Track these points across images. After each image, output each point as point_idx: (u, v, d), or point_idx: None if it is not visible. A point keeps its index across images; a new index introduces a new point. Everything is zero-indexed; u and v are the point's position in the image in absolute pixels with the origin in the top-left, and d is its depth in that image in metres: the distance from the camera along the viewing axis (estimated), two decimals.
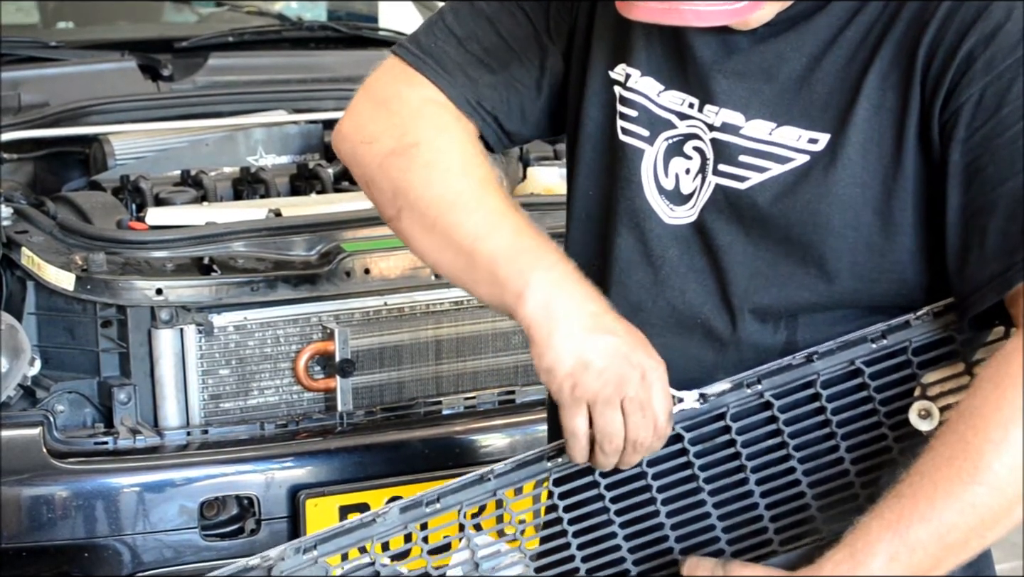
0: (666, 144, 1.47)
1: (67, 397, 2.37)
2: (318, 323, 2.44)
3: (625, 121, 1.49)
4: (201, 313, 2.38)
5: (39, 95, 3.01)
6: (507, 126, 1.57)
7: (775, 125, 1.40)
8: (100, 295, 2.35)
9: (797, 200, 1.39)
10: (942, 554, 1.29)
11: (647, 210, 1.47)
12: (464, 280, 1.46)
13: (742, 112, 1.42)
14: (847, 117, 1.37)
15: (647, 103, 1.49)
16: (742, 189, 1.42)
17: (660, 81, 1.48)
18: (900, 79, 1.36)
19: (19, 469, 2.24)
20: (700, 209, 1.44)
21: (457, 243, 1.44)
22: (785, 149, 1.40)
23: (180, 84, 3.18)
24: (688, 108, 1.46)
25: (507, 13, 1.55)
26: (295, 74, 3.29)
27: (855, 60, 1.38)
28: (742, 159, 1.42)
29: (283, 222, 2.55)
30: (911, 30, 1.36)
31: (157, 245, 2.45)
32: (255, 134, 2.97)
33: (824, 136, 1.38)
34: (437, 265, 1.51)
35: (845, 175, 1.37)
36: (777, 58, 1.41)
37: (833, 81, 1.38)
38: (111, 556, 2.27)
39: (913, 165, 1.36)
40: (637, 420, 1.35)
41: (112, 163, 2.85)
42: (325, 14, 4.37)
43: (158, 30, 3.81)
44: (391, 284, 2.48)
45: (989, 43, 1.32)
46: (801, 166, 1.39)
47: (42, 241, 2.43)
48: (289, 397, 2.45)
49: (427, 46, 1.57)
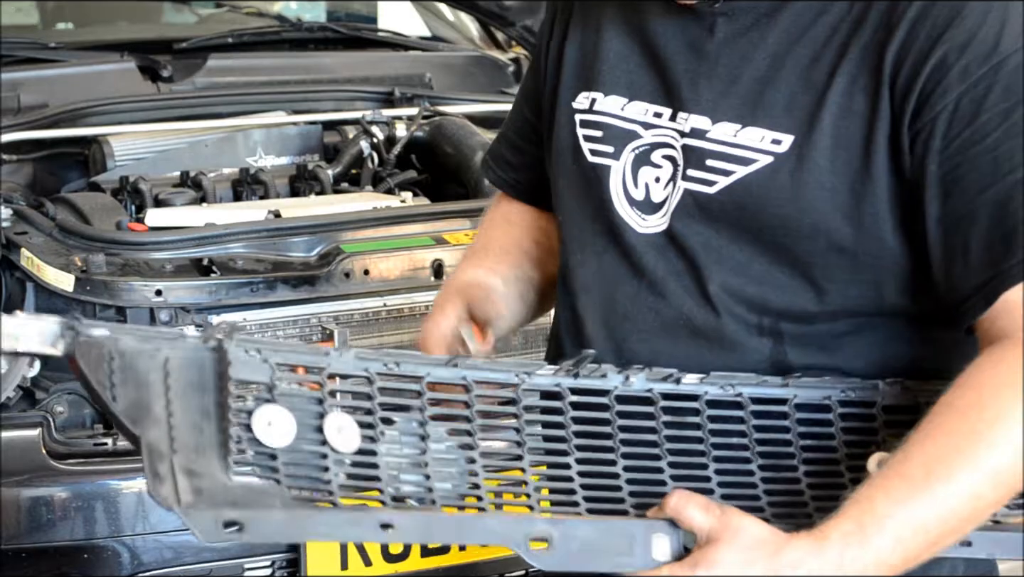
0: (633, 155, 1.48)
1: (66, 398, 2.37)
2: (317, 324, 2.44)
3: (591, 143, 1.51)
4: (200, 314, 2.38)
5: (38, 96, 3.02)
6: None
7: (740, 127, 1.40)
8: (99, 296, 2.35)
9: (766, 203, 1.38)
10: (938, 540, 1.29)
11: (620, 224, 1.48)
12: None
13: (709, 116, 1.42)
14: (812, 120, 1.36)
15: (611, 120, 1.50)
16: (711, 193, 1.42)
17: (623, 95, 1.50)
18: (868, 83, 1.35)
19: (19, 470, 2.24)
20: (671, 215, 1.45)
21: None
22: (749, 151, 1.39)
23: (179, 85, 3.18)
24: (654, 118, 1.47)
25: (524, 91, 1.72)
26: (294, 75, 3.29)
27: (820, 61, 1.37)
28: (709, 163, 1.42)
29: (282, 223, 2.55)
30: (878, 33, 1.35)
31: (156, 246, 2.45)
32: (254, 135, 2.98)
33: (788, 137, 1.37)
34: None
35: (811, 179, 1.36)
36: (741, 59, 1.41)
37: (796, 81, 1.38)
38: (110, 557, 2.27)
39: (883, 171, 1.35)
40: None
41: (111, 164, 2.85)
42: (324, 15, 4.38)
43: (157, 31, 3.81)
44: (390, 285, 2.48)
45: (964, 51, 1.30)
46: (765, 167, 1.38)
47: (41, 242, 2.43)
48: None
49: (493, 150, 1.79)
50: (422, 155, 3.01)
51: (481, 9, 3.62)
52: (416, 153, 3.01)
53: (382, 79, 3.30)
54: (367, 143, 2.95)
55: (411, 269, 2.50)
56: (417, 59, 3.50)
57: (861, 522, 1.27)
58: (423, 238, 2.56)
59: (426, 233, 2.58)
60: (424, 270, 2.50)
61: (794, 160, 1.37)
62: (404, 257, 2.50)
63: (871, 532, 1.26)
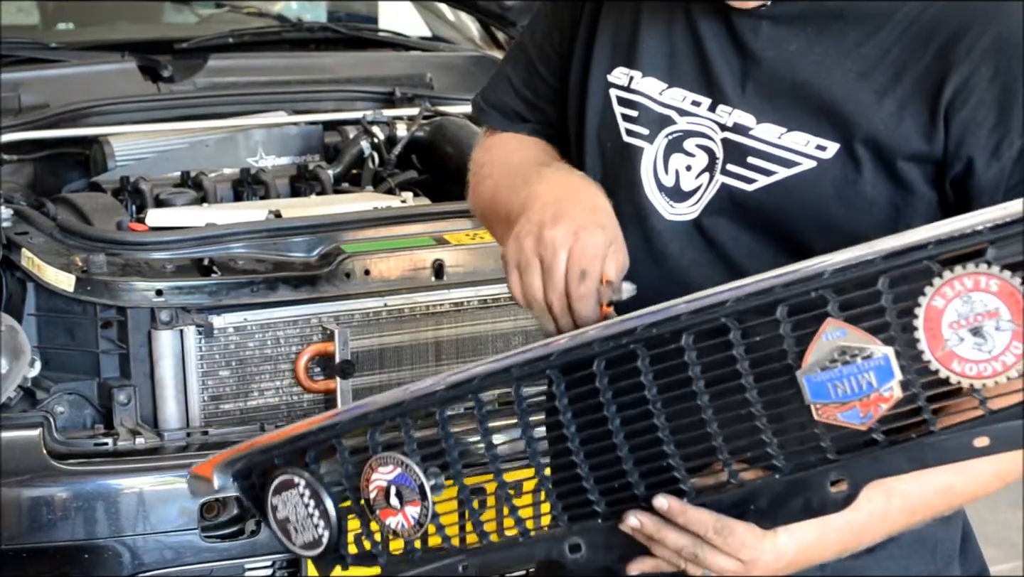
0: (666, 141, 1.48)
1: (67, 398, 2.37)
2: (318, 324, 2.44)
3: (628, 122, 1.51)
4: (201, 314, 2.38)
5: (39, 96, 3.02)
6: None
7: (785, 130, 1.41)
8: (100, 296, 2.35)
9: (805, 207, 1.39)
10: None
11: (648, 207, 1.48)
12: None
13: (754, 114, 1.43)
14: (858, 132, 1.38)
15: (648, 102, 1.50)
16: (749, 191, 1.42)
17: (663, 80, 1.49)
18: (920, 110, 1.36)
19: (19, 470, 2.24)
20: (703, 207, 1.45)
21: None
22: (793, 153, 1.40)
23: (180, 85, 3.18)
24: (691, 106, 1.47)
25: (540, 50, 1.64)
26: (295, 75, 3.29)
27: (870, 78, 1.38)
28: (751, 160, 1.42)
29: (283, 223, 2.55)
30: (938, 64, 1.36)
31: (157, 246, 2.45)
32: (255, 135, 2.98)
33: (833, 145, 1.39)
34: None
35: (852, 190, 1.37)
36: (786, 64, 1.42)
37: (843, 93, 1.39)
38: (111, 557, 2.27)
39: (926, 193, 1.37)
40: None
41: (112, 164, 2.85)
42: (325, 15, 4.38)
43: (158, 31, 3.81)
44: (391, 285, 2.48)
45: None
46: (808, 171, 1.39)
47: (42, 242, 2.43)
48: (289, 398, 2.45)
49: (491, 98, 1.70)
50: (423, 155, 3.01)
51: (482, 9, 3.63)
52: (417, 153, 3.02)
53: (383, 79, 3.30)
54: (368, 143, 2.95)
55: (412, 269, 2.50)
56: (418, 59, 3.50)
57: (888, 508, 1.33)
58: (424, 238, 2.56)
59: (427, 233, 2.58)
60: (425, 270, 2.50)
61: (838, 168, 1.38)
62: (405, 257, 2.50)
63: (897, 516, 1.33)
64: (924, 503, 1.36)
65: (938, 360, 1.21)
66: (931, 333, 1.21)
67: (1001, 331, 1.19)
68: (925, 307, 1.21)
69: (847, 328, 1.24)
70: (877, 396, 1.23)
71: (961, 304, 1.20)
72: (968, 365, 1.20)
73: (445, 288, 2.50)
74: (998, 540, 3.23)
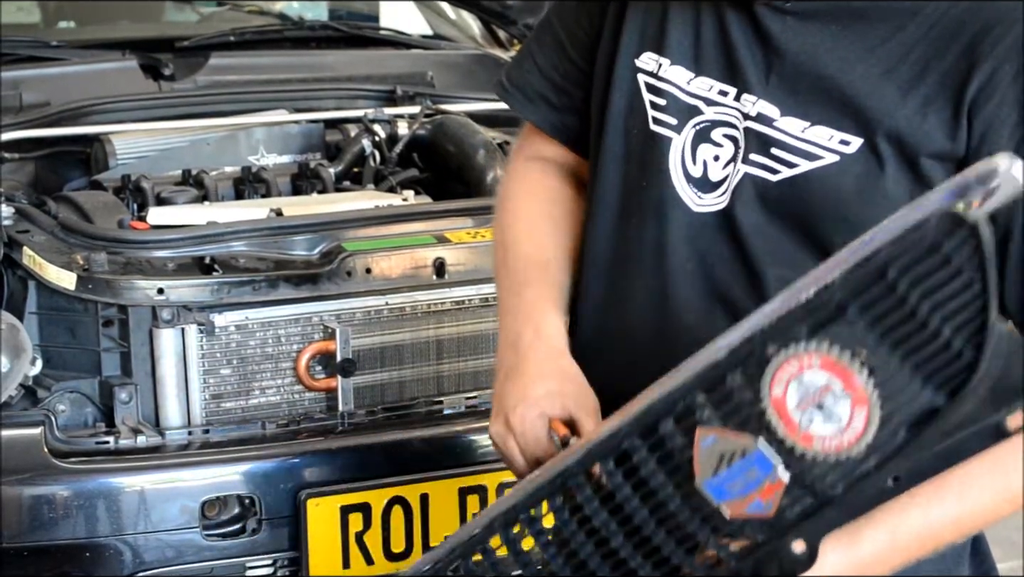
0: (694, 131, 1.48)
1: (68, 397, 2.37)
2: (319, 323, 2.44)
3: (656, 110, 1.51)
4: (202, 313, 2.38)
5: (40, 94, 3.01)
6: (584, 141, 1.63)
7: (808, 124, 1.41)
8: (101, 295, 2.34)
9: (827, 200, 1.39)
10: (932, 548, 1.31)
11: (675, 199, 1.48)
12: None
13: (778, 106, 1.43)
14: (882, 128, 1.38)
15: (676, 91, 1.50)
16: (772, 181, 1.43)
17: (690, 69, 1.49)
18: (944, 107, 1.36)
19: (20, 469, 2.24)
20: (730, 196, 1.45)
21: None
22: (816, 147, 1.41)
23: (181, 84, 3.18)
24: (718, 95, 1.47)
25: (569, 31, 1.64)
26: (296, 73, 3.29)
27: (894, 75, 1.38)
28: (774, 152, 1.43)
29: (284, 222, 2.55)
30: (962, 62, 1.36)
31: (158, 245, 2.45)
32: (256, 133, 2.97)
33: (856, 140, 1.39)
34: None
35: (873, 186, 1.38)
36: (810, 58, 1.42)
37: (867, 88, 1.39)
38: (112, 556, 2.26)
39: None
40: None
41: (113, 163, 2.85)
42: (326, 13, 4.37)
43: (159, 29, 3.81)
44: (392, 284, 2.48)
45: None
46: (831, 165, 1.39)
47: (43, 241, 2.42)
48: (290, 397, 2.45)
49: (515, 79, 1.70)
50: (424, 153, 3.01)
51: (483, 8, 3.62)
52: (418, 151, 3.01)
53: (384, 77, 3.30)
54: (369, 141, 2.95)
55: (413, 267, 2.50)
56: (419, 57, 3.50)
57: (895, 534, 1.29)
58: (425, 236, 2.56)
59: (428, 231, 2.58)
60: (426, 268, 2.50)
61: (861, 163, 1.38)
62: (406, 255, 2.50)
63: (902, 544, 1.29)
64: (931, 535, 1.33)
65: (800, 443, 1.21)
66: (784, 420, 1.21)
67: (840, 402, 1.18)
68: (769, 398, 1.21)
69: (716, 433, 1.24)
70: (769, 485, 1.23)
71: (798, 387, 1.19)
72: (827, 441, 1.20)
73: (446, 286, 2.50)
74: (998, 539, 3.24)
